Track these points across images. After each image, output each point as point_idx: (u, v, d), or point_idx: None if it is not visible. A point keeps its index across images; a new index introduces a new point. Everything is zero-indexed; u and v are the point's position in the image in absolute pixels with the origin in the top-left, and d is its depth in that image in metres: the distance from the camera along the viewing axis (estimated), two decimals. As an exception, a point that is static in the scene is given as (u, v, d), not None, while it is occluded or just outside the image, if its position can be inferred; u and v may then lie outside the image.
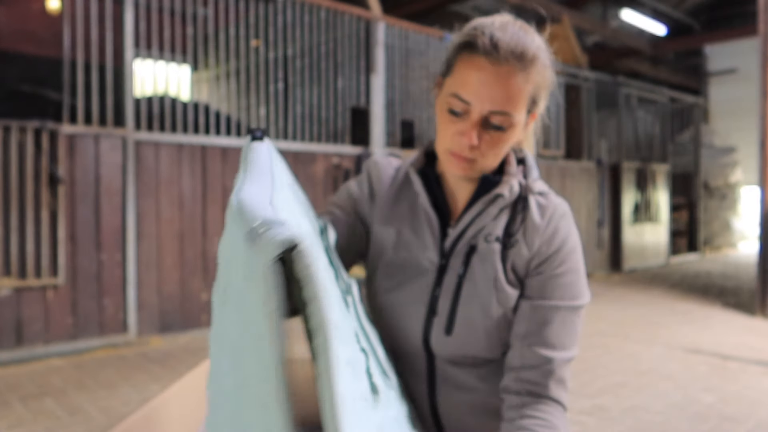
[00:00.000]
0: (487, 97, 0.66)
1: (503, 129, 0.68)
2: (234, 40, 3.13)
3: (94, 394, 2.10)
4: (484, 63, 0.66)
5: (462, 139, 0.68)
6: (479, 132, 0.67)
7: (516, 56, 0.66)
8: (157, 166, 2.85)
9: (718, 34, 8.32)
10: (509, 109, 0.67)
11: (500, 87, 0.66)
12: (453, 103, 0.68)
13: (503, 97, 0.66)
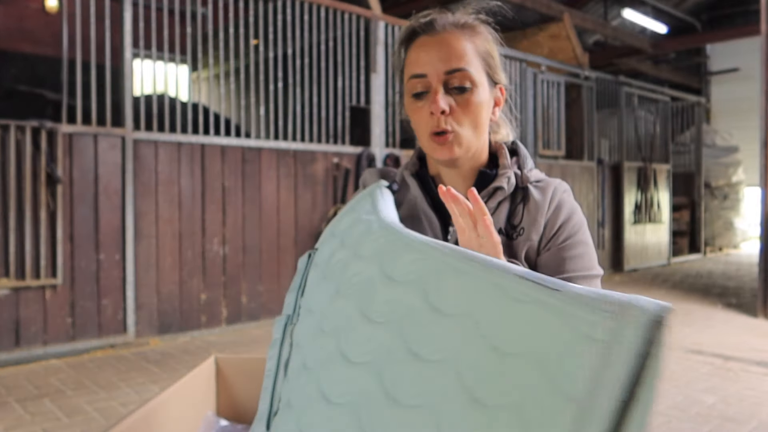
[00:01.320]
0: (437, 60, 0.68)
1: (467, 88, 0.69)
2: (233, 39, 3.12)
3: (92, 394, 2.09)
4: (425, 39, 0.70)
5: (432, 116, 0.69)
6: (445, 98, 0.69)
7: (454, 25, 0.70)
8: (156, 165, 2.84)
9: (719, 33, 8.28)
10: (462, 65, 0.68)
11: (445, 48, 0.69)
12: (413, 85, 0.70)
13: (451, 55, 0.68)
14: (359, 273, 0.56)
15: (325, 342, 0.54)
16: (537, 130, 4.85)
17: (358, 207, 0.67)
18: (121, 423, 0.81)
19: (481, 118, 0.71)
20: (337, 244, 0.63)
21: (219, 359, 1.21)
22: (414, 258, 0.51)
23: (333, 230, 0.67)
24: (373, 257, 0.56)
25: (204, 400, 1.15)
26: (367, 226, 0.61)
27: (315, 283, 0.62)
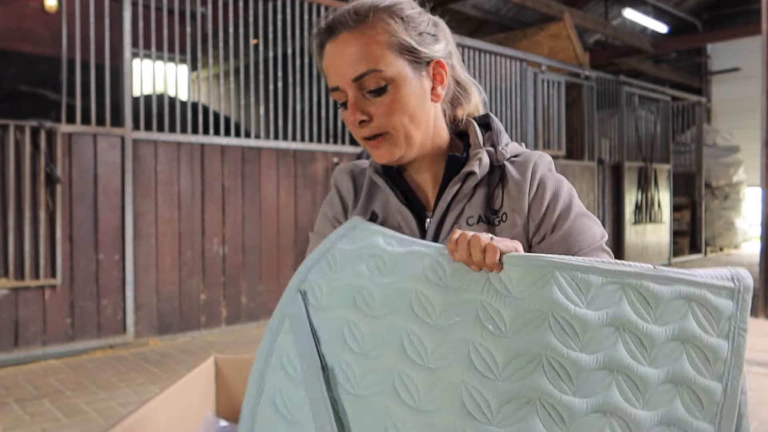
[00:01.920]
0: (342, 68, 0.64)
1: (385, 89, 0.64)
2: (233, 38, 3.12)
3: (92, 395, 2.08)
4: (329, 47, 0.66)
5: (356, 126, 0.66)
6: (363, 106, 0.64)
7: (347, 23, 0.65)
8: (155, 165, 2.83)
9: (720, 33, 8.28)
10: (370, 66, 0.63)
11: (346, 54, 0.64)
12: (333, 96, 0.68)
13: (353, 60, 0.63)
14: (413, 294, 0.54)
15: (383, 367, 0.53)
16: (537, 130, 4.84)
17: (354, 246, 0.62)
18: (120, 423, 0.80)
19: (411, 110, 0.65)
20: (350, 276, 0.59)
21: (219, 360, 1.21)
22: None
23: (328, 264, 0.62)
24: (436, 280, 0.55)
25: (203, 401, 1.14)
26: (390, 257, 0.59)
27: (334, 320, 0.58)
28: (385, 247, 0.59)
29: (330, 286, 0.59)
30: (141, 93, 2.87)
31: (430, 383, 0.50)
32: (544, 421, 0.46)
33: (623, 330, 0.50)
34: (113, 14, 2.74)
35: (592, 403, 0.48)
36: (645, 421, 0.48)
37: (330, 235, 0.63)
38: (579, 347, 0.49)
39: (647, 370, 0.50)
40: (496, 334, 0.50)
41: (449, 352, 0.50)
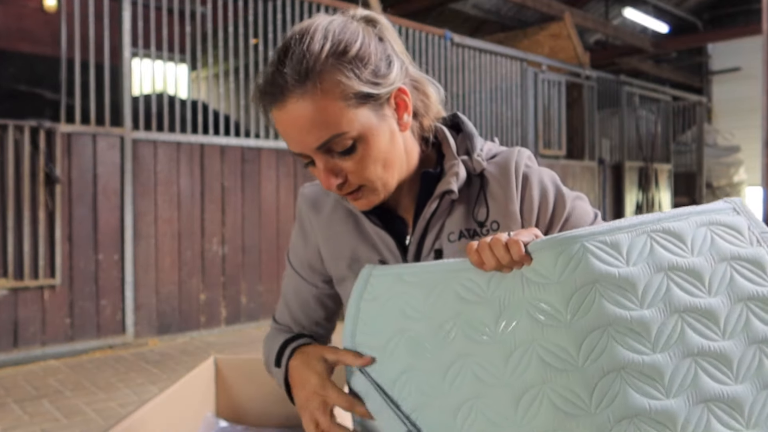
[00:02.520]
0: (300, 138, 0.58)
1: (353, 148, 0.58)
2: (232, 38, 3.11)
3: (91, 395, 2.08)
4: (276, 114, 0.59)
5: (331, 189, 0.61)
6: (334, 167, 0.60)
7: (290, 87, 0.56)
8: (155, 165, 2.83)
9: (721, 33, 8.27)
10: (331, 132, 0.57)
11: (300, 124, 0.57)
12: (297, 158, 0.65)
13: (311, 130, 0.57)
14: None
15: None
16: (538, 130, 4.83)
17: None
18: (120, 424, 0.80)
19: (383, 157, 0.60)
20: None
21: (218, 360, 1.20)
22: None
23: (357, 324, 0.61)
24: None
25: (203, 401, 1.14)
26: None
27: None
28: (409, 282, 0.58)
29: (379, 343, 0.59)
30: (140, 93, 2.87)
31: (513, 398, 0.49)
32: (637, 389, 0.46)
33: (670, 273, 0.49)
34: (112, 14, 2.74)
35: (676, 352, 0.47)
36: (732, 350, 0.48)
37: (351, 295, 0.62)
38: (638, 305, 0.48)
39: (710, 301, 0.49)
40: (556, 325, 0.48)
41: (520, 361, 0.49)
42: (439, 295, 0.55)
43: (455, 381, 0.53)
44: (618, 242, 0.50)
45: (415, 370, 0.56)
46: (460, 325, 0.53)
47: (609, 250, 0.49)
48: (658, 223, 0.51)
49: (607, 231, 0.50)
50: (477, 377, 0.52)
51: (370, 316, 0.60)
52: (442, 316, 0.55)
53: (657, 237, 0.51)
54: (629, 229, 0.50)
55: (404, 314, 0.57)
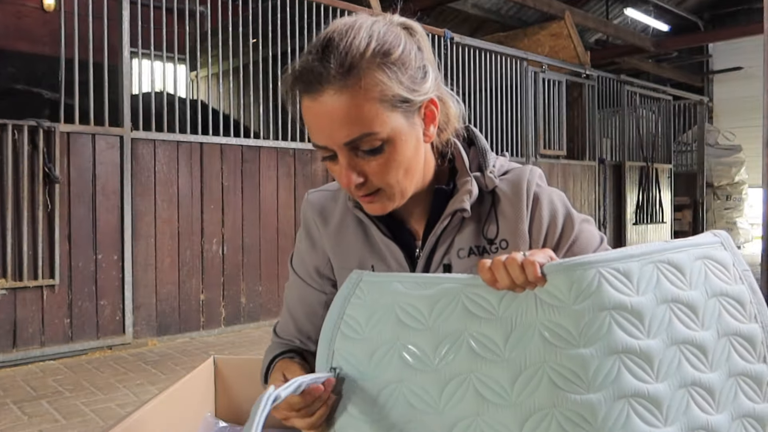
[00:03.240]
0: (330, 130, 0.57)
1: (381, 149, 0.58)
2: (232, 37, 3.10)
3: (90, 396, 2.08)
4: (309, 104, 0.58)
5: (350, 187, 0.60)
6: (357, 166, 0.59)
7: (330, 78, 0.56)
8: (154, 165, 2.82)
9: (722, 32, 8.26)
10: (363, 130, 0.57)
11: (334, 118, 0.56)
12: (318, 150, 0.61)
13: (344, 124, 0.56)
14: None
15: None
16: (538, 130, 4.82)
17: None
18: (119, 424, 0.80)
19: (407, 164, 0.60)
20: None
21: (218, 360, 1.20)
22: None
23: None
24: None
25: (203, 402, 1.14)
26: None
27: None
28: (410, 292, 0.55)
29: (365, 349, 0.55)
30: (140, 92, 2.86)
31: (520, 419, 0.48)
32: (641, 416, 0.47)
33: (672, 305, 0.51)
34: (112, 13, 2.73)
35: (673, 383, 0.49)
36: (716, 382, 0.51)
37: (334, 299, 0.58)
38: (645, 335, 0.49)
39: (704, 335, 0.51)
40: (568, 348, 0.49)
41: (529, 382, 0.49)
42: (445, 308, 0.53)
43: (453, 397, 0.51)
44: (630, 271, 0.51)
45: (406, 382, 0.53)
46: (467, 341, 0.52)
47: (622, 279, 0.50)
48: (664, 253, 0.53)
49: (620, 258, 0.51)
50: (479, 395, 0.50)
51: (356, 321, 0.56)
52: (446, 330, 0.53)
53: (662, 268, 0.52)
54: (639, 258, 0.52)
55: (401, 323, 0.54)
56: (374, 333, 0.55)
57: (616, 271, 0.50)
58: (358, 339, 0.56)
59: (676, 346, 0.50)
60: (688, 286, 0.52)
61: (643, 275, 0.51)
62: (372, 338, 0.55)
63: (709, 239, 0.56)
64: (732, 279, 0.55)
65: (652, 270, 0.51)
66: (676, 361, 0.50)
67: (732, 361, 0.52)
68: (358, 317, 0.56)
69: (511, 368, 0.50)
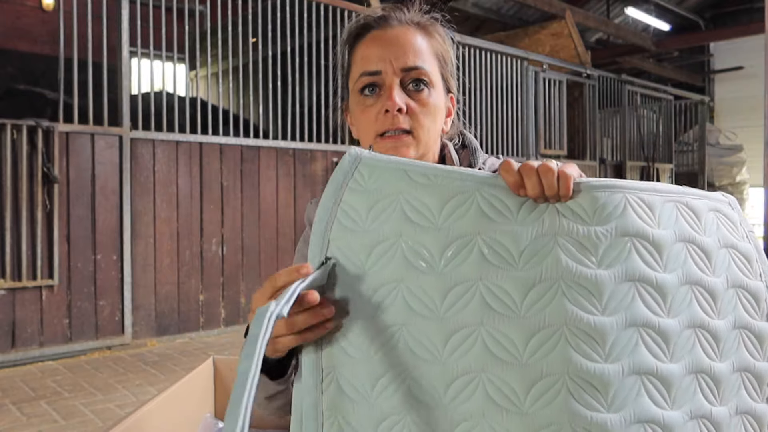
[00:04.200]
0: (392, 56, 0.64)
1: (424, 85, 0.65)
2: (231, 37, 3.10)
3: (89, 396, 2.07)
4: (378, 33, 0.66)
5: (387, 115, 0.63)
6: (402, 95, 0.64)
7: (408, 22, 0.66)
8: (153, 165, 2.82)
9: (723, 31, 8.25)
10: (419, 63, 0.64)
11: (402, 43, 0.65)
12: (363, 81, 0.64)
13: (408, 51, 0.64)
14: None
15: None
16: (538, 130, 4.81)
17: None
18: (118, 425, 0.80)
19: (435, 118, 0.66)
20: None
21: (217, 361, 1.19)
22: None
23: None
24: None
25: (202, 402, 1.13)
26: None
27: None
28: (418, 184, 0.49)
29: (364, 243, 0.48)
30: (139, 92, 2.85)
31: (527, 334, 0.45)
32: (647, 346, 0.47)
33: (689, 245, 0.50)
34: (111, 12, 2.72)
35: (683, 321, 0.49)
36: (722, 329, 0.51)
37: (328, 184, 0.51)
38: (662, 268, 0.49)
39: (714, 280, 0.51)
40: (585, 268, 0.46)
41: (541, 296, 0.46)
42: (458, 207, 0.48)
43: (456, 303, 0.47)
44: (653, 203, 0.50)
45: (406, 282, 0.47)
46: (478, 246, 0.47)
47: (646, 209, 0.49)
48: (683, 196, 0.52)
49: (645, 189, 0.50)
50: (486, 304, 0.46)
51: (354, 210, 0.49)
52: (457, 231, 0.47)
53: (681, 209, 0.51)
54: (663, 193, 0.51)
55: (406, 218, 0.48)
56: (375, 225, 0.49)
57: (641, 200, 0.49)
58: (357, 231, 0.49)
59: (689, 285, 0.49)
60: (703, 231, 0.52)
61: (664, 211, 0.50)
62: (372, 231, 0.49)
63: (718, 197, 0.56)
64: (740, 236, 0.55)
65: (672, 208, 0.51)
66: (687, 299, 0.49)
67: (738, 312, 0.52)
68: (357, 206, 0.50)
69: (523, 281, 0.46)
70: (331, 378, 0.48)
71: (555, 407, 0.44)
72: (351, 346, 0.48)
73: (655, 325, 0.47)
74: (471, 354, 0.46)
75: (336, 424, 0.48)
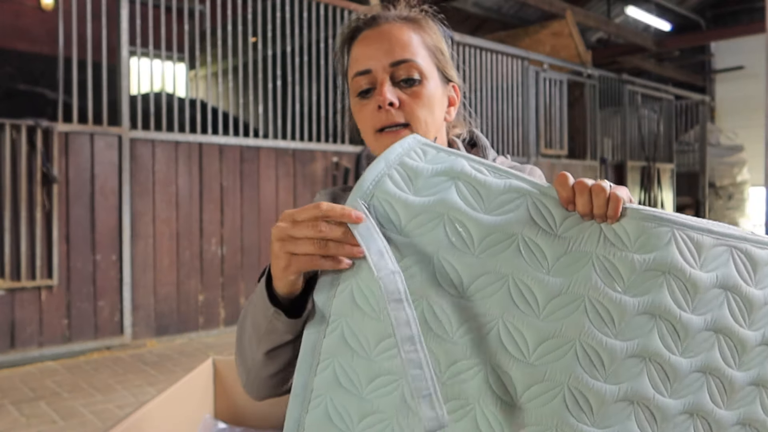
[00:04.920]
0: (381, 53, 0.65)
1: (416, 80, 0.65)
2: (231, 36, 3.09)
3: (89, 397, 2.07)
4: (367, 33, 0.67)
5: (380, 111, 0.64)
6: (393, 91, 0.65)
7: (398, 18, 0.67)
8: (153, 165, 2.81)
9: (724, 31, 8.24)
10: (408, 55, 0.65)
11: (389, 39, 0.66)
12: (357, 83, 0.66)
13: (395, 45, 0.65)
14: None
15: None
16: (539, 129, 4.81)
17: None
18: (117, 426, 0.79)
19: (432, 109, 0.66)
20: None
21: (217, 361, 1.19)
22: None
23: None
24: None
25: (202, 403, 1.13)
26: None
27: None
28: (475, 174, 0.50)
29: (408, 209, 0.48)
30: (138, 92, 2.85)
31: (541, 337, 0.47)
32: (651, 379, 0.48)
33: (729, 292, 0.50)
34: (110, 12, 2.72)
35: (695, 364, 0.49)
36: (739, 380, 0.51)
37: (387, 151, 0.51)
38: (690, 309, 0.49)
39: (747, 333, 0.51)
40: (613, 290, 0.47)
41: (564, 305, 0.47)
42: (507, 203, 0.49)
43: (483, 290, 0.47)
44: (701, 244, 0.50)
45: (441, 254, 0.48)
46: (517, 242, 0.48)
47: (692, 248, 0.49)
48: (743, 242, 0.51)
49: (697, 228, 0.50)
50: (510, 298, 0.47)
51: (406, 176, 0.50)
52: (501, 224, 0.48)
53: (736, 254, 0.51)
54: (717, 236, 0.51)
55: (456, 200, 0.49)
56: (424, 195, 0.49)
57: (689, 238, 0.49)
58: (404, 194, 0.49)
59: (715, 332, 0.49)
60: (753, 283, 0.51)
61: (713, 254, 0.50)
62: (420, 200, 0.49)
63: None
64: None
65: (725, 252, 0.50)
66: (709, 344, 0.49)
67: (764, 369, 0.51)
68: (410, 173, 0.50)
69: (550, 287, 0.48)
70: (337, 325, 0.49)
71: (547, 410, 0.46)
72: (365, 303, 0.48)
73: (665, 359, 0.48)
74: (483, 342, 0.47)
75: (330, 368, 0.48)
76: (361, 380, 0.48)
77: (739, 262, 0.51)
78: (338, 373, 0.48)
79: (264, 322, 0.55)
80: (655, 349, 0.47)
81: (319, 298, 0.50)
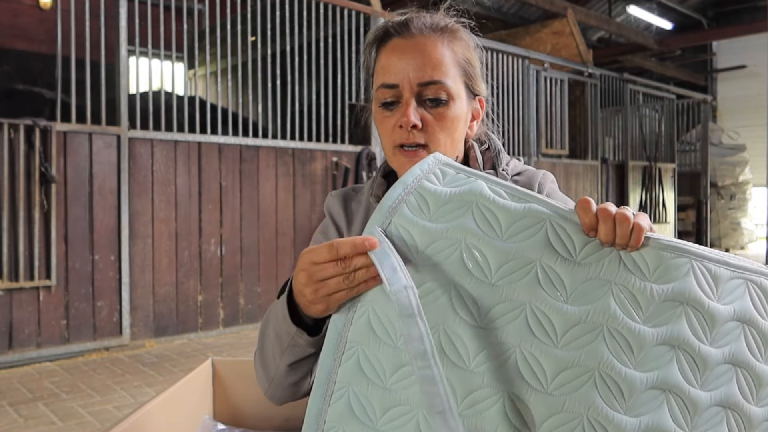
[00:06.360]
0: (410, 68, 0.63)
1: (443, 102, 0.64)
2: (230, 35, 3.08)
3: (87, 398, 2.06)
4: (398, 42, 0.65)
5: (401, 129, 0.64)
6: (417, 111, 0.64)
7: (430, 28, 0.65)
8: (151, 164, 2.80)
9: (726, 30, 8.21)
10: (438, 77, 0.64)
11: (420, 55, 0.64)
12: (382, 94, 0.65)
13: (426, 64, 0.63)
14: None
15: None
16: (540, 129, 4.79)
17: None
18: (116, 427, 0.79)
19: (457, 133, 0.66)
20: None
21: (216, 362, 1.18)
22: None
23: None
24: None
25: (201, 404, 1.12)
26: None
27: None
28: (493, 197, 0.50)
29: (426, 234, 0.48)
30: (137, 91, 2.84)
31: (559, 366, 0.46)
32: (672, 412, 0.47)
33: (746, 326, 0.50)
34: (109, 11, 2.71)
35: (715, 397, 0.49)
36: (758, 416, 0.50)
37: (406, 174, 0.51)
38: (708, 342, 0.49)
39: (764, 367, 0.51)
40: (632, 320, 0.47)
41: (583, 334, 0.47)
42: (526, 228, 0.49)
43: (500, 318, 0.47)
44: (719, 277, 0.50)
45: (457, 283, 0.47)
46: (535, 270, 0.48)
47: (710, 280, 0.50)
48: (760, 276, 0.52)
49: (715, 260, 0.50)
50: (528, 326, 0.47)
51: (424, 202, 0.50)
52: (519, 250, 0.48)
53: (752, 288, 0.51)
54: (733, 267, 0.51)
55: (474, 225, 0.48)
56: (441, 222, 0.49)
57: (707, 270, 0.50)
58: (421, 221, 0.49)
59: (735, 366, 0.49)
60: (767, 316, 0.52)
61: (730, 287, 0.50)
62: (437, 226, 0.49)
63: None
64: None
65: (742, 285, 0.51)
66: (727, 377, 0.49)
67: None
68: (428, 198, 0.50)
69: (569, 316, 0.47)
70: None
71: None
72: (382, 330, 0.48)
73: (685, 393, 0.47)
74: (500, 371, 0.46)
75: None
76: (375, 410, 0.48)
77: (755, 295, 0.51)
78: (352, 400, 0.48)
79: (287, 337, 0.57)
80: (675, 381, 0.47)
81: (336, 323, 0.50)
